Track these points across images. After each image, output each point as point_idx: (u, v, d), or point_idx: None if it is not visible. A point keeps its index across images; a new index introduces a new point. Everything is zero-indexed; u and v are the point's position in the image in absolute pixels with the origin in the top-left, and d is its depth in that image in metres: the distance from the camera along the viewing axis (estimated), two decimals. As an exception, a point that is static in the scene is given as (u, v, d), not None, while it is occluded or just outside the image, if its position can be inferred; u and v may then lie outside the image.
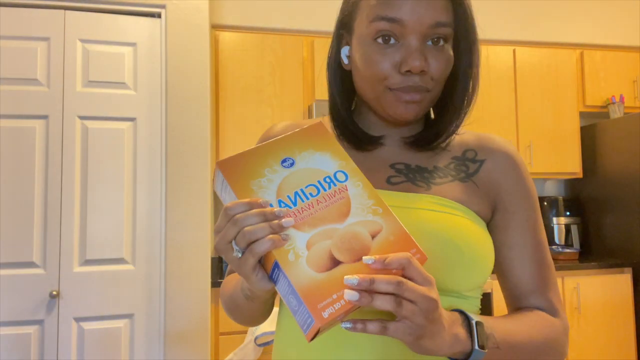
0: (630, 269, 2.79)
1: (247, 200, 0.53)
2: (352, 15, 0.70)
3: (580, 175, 3.12)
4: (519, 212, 0.72)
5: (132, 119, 2.32)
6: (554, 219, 3.13)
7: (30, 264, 2.17)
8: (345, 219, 0.54)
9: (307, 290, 0.50)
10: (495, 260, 0.72)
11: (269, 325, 1.61)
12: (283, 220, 0.52)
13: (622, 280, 2.78)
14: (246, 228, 0.51)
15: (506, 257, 0.72)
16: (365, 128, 0.76)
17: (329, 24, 3.00)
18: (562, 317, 0.71)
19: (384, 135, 0.75)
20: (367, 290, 0.49)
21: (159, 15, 2.39)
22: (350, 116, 0.75)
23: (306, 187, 0.56)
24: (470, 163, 0.73)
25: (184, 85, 2.36)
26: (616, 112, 3.09)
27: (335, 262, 0.51)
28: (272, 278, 0.54)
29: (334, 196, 0.56)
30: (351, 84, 0.75)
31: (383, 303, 0.48)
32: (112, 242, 2.26)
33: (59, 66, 2.26)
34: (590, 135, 3.13)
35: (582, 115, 3.32)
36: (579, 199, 3.22)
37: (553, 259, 2.90)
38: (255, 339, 1.62)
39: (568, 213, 3.14)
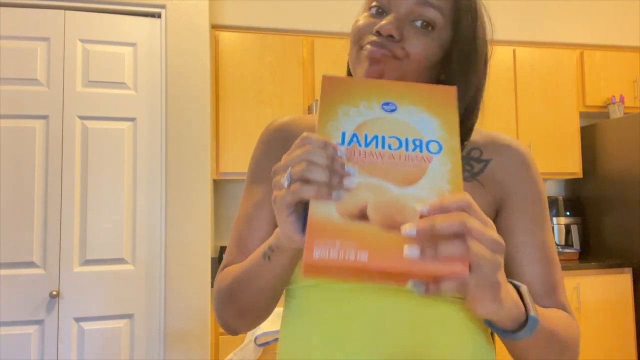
0: (630, 269, 2.79)
1: (329, 141, 0.48)
2: None
3: (580, 175, 3.11)
4: (526, 212, 0.70)
5: (132, 119, 2.32)
6: (554, 219, 3.14)
7: (30, 264, 2.17)
8: (407, 187, 0.47)
9: (316, 223, 0.44)
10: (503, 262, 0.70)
11: (269, 325, 1.61)
12: (346, 179, 0.46)
13: (622, 280, 2.78)
14: (307, 163, 0.46)
15: (514, 258, 0.69)
16: None
17: (329, 24, 3.00)
18: (575, 320, 0.69)
19: None
20: (428, 238, 0.42)
21: (159, 15, 2.39)
22: None
23: (390, 137, 0.49)
24: (475, 162, 0.71)
25: (184, 85, 2.36)
26: (616, 112, 3.09)
27: (363, 217, 0.45)
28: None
29: (413, 160, 0.48)
30: None
31: (451, 248, 0.42)
32: (112, 242, 2.26)
33: (59, 66, 2.26)
34: (590, 135, 3.13)
35: (582, 115, 3.32)
36: (579, 199, 3.22)
37: (553, 259, 2.90)
38: (255, 339, 1.62)
39: (568, 213, 3.14)
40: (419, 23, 0.65)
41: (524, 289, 0.56)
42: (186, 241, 2.30)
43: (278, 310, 0.79)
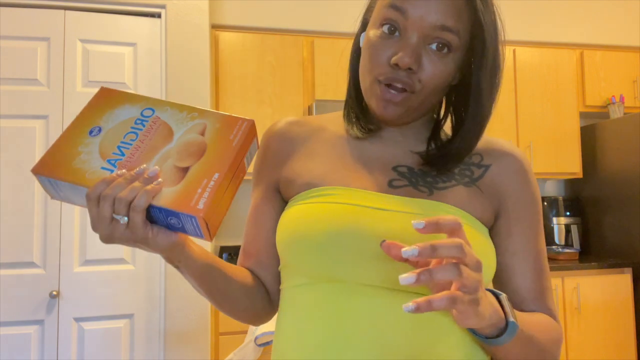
0: (630, 269, 2.79)
1: (104, 178, 0.54)
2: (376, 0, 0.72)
3: (580, 175, 3.12)
4: (523, 219, 0.71)
5: (132, 119, 2.32)
6: (554, 219, 3.13)
7: (30, 264, 2.17)
8: (173, 137, 0.60)
9: (175, 202, 0.54)
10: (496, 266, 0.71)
11: (269, 325, 1.61)
12: (149, 171, 0.55)
13: (622, 280, 2.78)
14: (120, 194, 0.53)
15: (508, 264, 0.71)
16: (371, 120, 0.75)
17: (329, 24, 3.00)
18: (560, 325, 0.72)
19: (386, 132, 0.75)
20: (426, 261, 0.48)
21: (159, 15, 2.39)
22: (358, 102, 0.75)
23: (124, 136, 0.60)
24: (475, 168, 0.72)
25: (184, 85, 2.36)
26: (616, 112, 3.09)
27: (185, 171, 0.57)
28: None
29: (152, 129, 0.60)
30: None
31: (446, 273, 0.46)
32: (112, 242, 2.26)
33: (59, 66, 2.26)
34: (590, 135, 3.13)
35: (582, 115, 3.32)
36: (579, 199, 3.22)
37: (553, 259, 2.90)
38: (255, 339, 1.62)
39: (568, 213, 3.14)
40: (434, 46, 0.65)
41: (503, 296, 0.59)
42: (186, 241, 2.30)
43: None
